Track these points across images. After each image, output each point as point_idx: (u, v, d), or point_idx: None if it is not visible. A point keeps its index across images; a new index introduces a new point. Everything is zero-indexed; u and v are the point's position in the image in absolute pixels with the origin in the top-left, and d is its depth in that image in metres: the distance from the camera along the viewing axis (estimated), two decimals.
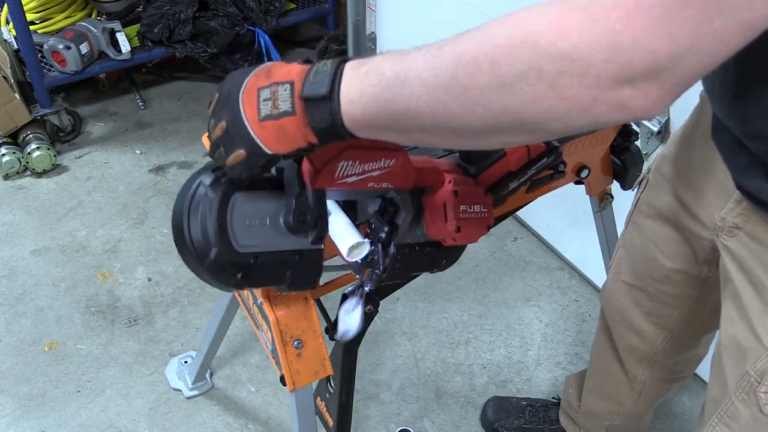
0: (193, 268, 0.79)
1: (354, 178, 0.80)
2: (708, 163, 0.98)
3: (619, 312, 1.29)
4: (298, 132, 0.67)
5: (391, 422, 1.74)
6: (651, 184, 1.15)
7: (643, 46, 0.50)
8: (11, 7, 2.28)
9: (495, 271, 2.16)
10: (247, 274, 0.79)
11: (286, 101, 0.66)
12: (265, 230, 0.80)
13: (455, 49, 0.57)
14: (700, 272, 1.12)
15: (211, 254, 0.75)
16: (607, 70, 0.51)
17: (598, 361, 1.44)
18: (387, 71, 0.62)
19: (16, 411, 1.73)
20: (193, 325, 1.95)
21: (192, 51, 2.69)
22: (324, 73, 0.65)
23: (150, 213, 2.32)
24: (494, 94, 0.56)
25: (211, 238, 0.75)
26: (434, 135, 0.63)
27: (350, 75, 0.64)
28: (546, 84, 0.53)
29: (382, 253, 0.92)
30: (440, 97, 0.58)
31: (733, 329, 0.94)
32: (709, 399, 1.02)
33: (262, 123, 0.68)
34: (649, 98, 0.53)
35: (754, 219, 0.89)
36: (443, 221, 0.92)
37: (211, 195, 0.76)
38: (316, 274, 0.86)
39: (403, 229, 0.92)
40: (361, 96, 0.63)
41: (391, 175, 0.84)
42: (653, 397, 1.39)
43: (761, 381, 0.89)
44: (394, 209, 0.90)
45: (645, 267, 1.19)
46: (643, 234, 1.18)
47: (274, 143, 0.69)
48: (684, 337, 1.25)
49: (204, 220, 0.75)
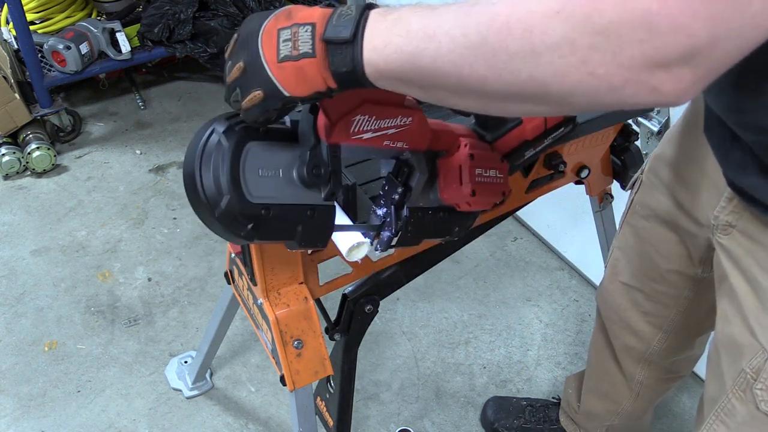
0: (204, 217, 0.77)
1: (370, 134, 0.79)
2: (700, 161, 0.98)
3: (616, 312, 1.29)
4: (318, 75, 0.66)
5: (391, 422, 1.74)
6: (645, 185, 1.15)
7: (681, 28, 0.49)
8: (11, 7, 2.28)
9: (495, 271, 2.16)
10: (257, 226, 0.77)
11: (307, 42, 0.65)
12: (278, 182, 0.79)
13: (488, 9, 0.55)
14: (695, 273, 1.12)
15: (222, 203, 0.74)
16: (641, 51, 0.50)
17: (595, 361, 1.45)
18: (415, 23, 0.60)
19: (16, 411, 1.73)
20: (193, 325, 1.95)
21: (192, 51, 2.69)
22: (348, 17, 0.64)
23: (150, 213, 2.32)
24: (523, 62, 0.54)
25: (223, 187, 0.74)
26: (456, 95, 0.62)
27: (376, 22, 0.63)
28: (577, 58, 0.52)
29: (394, 215, 0.90)
30: (467, 58, 0.57)
31: (728, 327, 0.94)
32: (706, 397, 1.02)
33: (281, 64, 0.67)
34: (682, 83, 0.51)
35: (746, 216, 0.89)
36: (458, 184, 0.91)
37: (225, 143, 0.74)
38: (327, 231, 0.84)
39: (417, 191, 0.90)
40: (386, 45, 0.62)
41: (407, 134, 0.83)
42: (651, 397, 1.39)
43: (757, 378, 0.89)
44: (409, 170, 0.89)
45: (641, 267, 1.20)
46: (639, 234, 1.18)
47: (292, 85, 0.67)
48: (680, 338, 1.25)
49: (216, 168, 0.74)
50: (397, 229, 0.92)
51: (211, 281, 2.08)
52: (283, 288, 1.10)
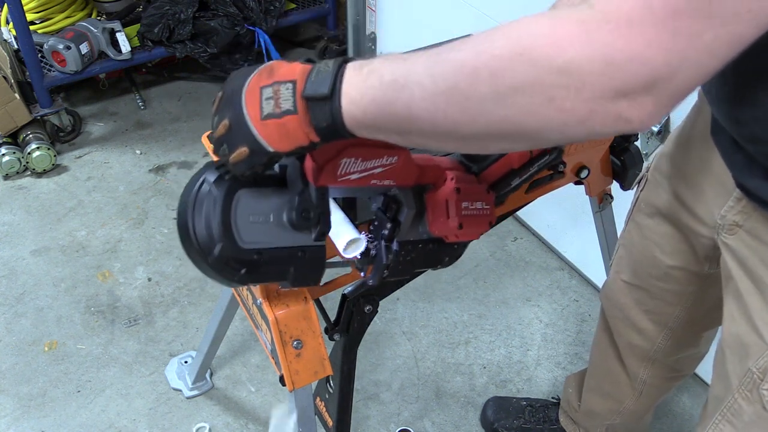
0: (198, 264, 0.80)
1: (357, 175, 0.81)
2: (707, 162, 0.98)
3: (620, 310, 1.29)
4: (300, 130, 0.68)
5: (391, 422, 1.74)
6: (650, 183, 1.15)
7: (637, 59, 0.51)
8: (11, 7, 2.28)
9: (495, 271, 2.16)
10: (250, 270, 0.79)
11: (288, 100, 0.67)
12: (269, 227, 0.81)
13: (455, 56, 0.58)
14: (700, 269, 1.12)
15: (215, 250, 0.76)
16: (603, 84, 0.52)
17: (598, 360, 1.45)
18: (387, 74, 0.62)
19: (16, 411, 1.73)
20: (193, 325, 1.95)
21: (192, 51, 2.69)
22: (326, 72, 0.66)
23: (150, 213, 2.32)
24: (493, 104, 0.57)
25: (215, 234, 0.76)
26: (433, 139, 0.64)
27: (351, 75, 0.65)
28: (544, 97, 0.54)
29: (384, 250, 0.93)
30: (440, 104, 0.59)
31: (735, 327, 0.94)
32: (712, 396, 1.02)
33: (265, 121, 0.69)
34: (645, 110, 0.54)
35: (755, 217, 0.90)
36: (445, 218, 0.93)
37: (215, 192, 0.76)
38: (319, 269, 0.86)
39: (406, 226, 0.92)
40: (362, 97, 0.64)
41: (393, 173, 0.84)
42: (654, 396, 1.39)
43: (764, 378, 0.89)
44: (397, 206, 0.91)
45: (645, 265, 1.20)
46: (643, 232, 1.18)
47: (276, 141, 0.69)
48: (684, 335, 1.25)
49: (208, 217, 0.76)
50: (387, 264, 0.94)
51: (211, 281, 2.07)
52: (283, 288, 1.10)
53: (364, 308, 1.19)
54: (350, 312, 1.19)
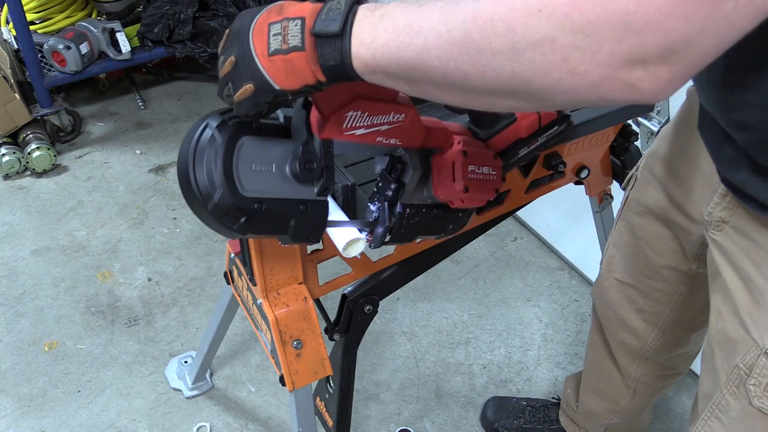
0: (197, 211, 0.78)
1: (362, 130, 0.80)
2: (694, 158, 0.99)
3: (611, 309, 1.29)
4: (307, 68, 0.67)
5: (391, 422, 1.74)
6: (640, 181, 1.16)
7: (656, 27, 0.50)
8: (11, 7, 2.28)
9: (495, 271, 2.16)
10: (250, 219, 0.78)
11: (296, 36, 0.66)
12: (271, 176, 0.79)
13: (472, 6, 0.57)
14: (689, 269, 1.13)
15: (215, 196, 0.74)
16: (619, 50, 0.51)
17: (592, 359, 1.45)
18: (401, 18, 0.61)
19: (16, 411, 1.73)
20: (193, 325, 1.95)
21: (192, 51, 2.69)
22: (337, 11, 0.65)
23: (150, 213, 2.32)
24: (506, 59, 0.56)
25: (216, 180, 0.74)
26: (441, 89, 0.63)
27: (364, 16, 0.64)
28: (558, 56, 0.53)
29: (387, 212, 0.91)
30: (452, 54, 0.58)
31: (722, 323, 0.95)
32: (701, 393, 1.02)
33: (271, 57, 0.68)
34: (660, 81, 0.53)
35: (739, 213, 0.90)
36: (451, 181, 0.91)
37: (218, 137, 0.75)
38: (320, 226, 0.84)
39: (410, 188, 0.91)
40: (373, 39, 0.63)
41: (399, 131, 0.83)
42: (648, 394, 1.40)
43: (750, 373, 0.89)
44: (402, 167, 0.90)
45: (635, 264, 1.20)
46: (634, 231, 1.18)
47: (282, 78, 0.68)
48: (674, 335, 1.25)
49: (210, 162, 0.75)
50: (390, 226, 0.92)
51: (210, 281, 2.08)
52: (283, 288, 1.11)
53: (364, 308, 1.19)
54: (350, 312, 1.19)
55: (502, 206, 1.28)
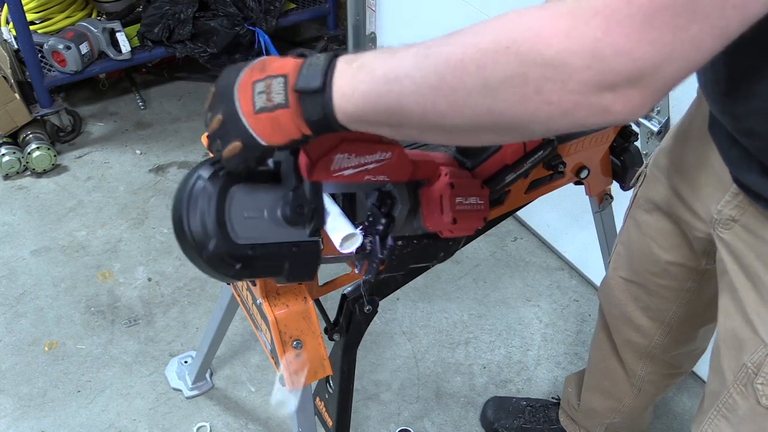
0: (193, 259, 0.80)
1: (350, 170, 0.82)
2: (704, 156, 0.99)
3: (617, 307, 1.29)
4: (292, 124, 0.69)
5: (391, 422, 1.74)
6: (648, 178, 1.16)
7: (623, 53, 0.51)
8: (11, 7, 2.28)
9: (495, 271, 2.16)
10: (245, 265, 0.79)
11: (280, 94, 0.68)
12: (263, 222, 0.81)
13: (443, 50, 0.59)
14: (697, 264, 1.13)
15: (209, 246, 0.76)
16: (589, 77, 0.53)
17: (597, 357, 1.45)
18: (378, 68, 0.63)
19: (16, 411, 1.73)
20: (193, 325, 1.95)
21: (192, 51, 2.69)
22: (317, 66, 0.66)
23: (150, 213, 2.32)
24: (480, 96, 0.57)
25: (209, 230, 0.76)
26: (424, 131, 0.65)
27: (343, 70, 0.65)
28: (530, 89, 0.55)
29: (379, 245, 0.93)
30: (429, 97, 0.60)
31: (730, 322, 0.95)
32: (708, 392, 1.02)
33: (257, 115, 0.69)
34: (630, 103, 0.54)
35: (751, 212, 0.90)
36: (439, 213, 0.93)
37: (210, 188, 0.77)
38: (313, 265, 0.87)
39: (400, 221, 0.93)
40: (353, 91, 0.64)
41: (387, 168, 0.85)
42: (652, 393, 1.40)
43: (758, 372, 0.89)
44: (391, 202, 0.92)
45: (643, 261, 1.20)
46: (641, 228, 1.18)
47: (268, 135, 0.70)
48: (682, 331, 1.25)
49: (203, 213, 0.77)
50: (382, 259, 0.94)
51: (211, 281, 2.08)
52: (282, 288, 1.10)
53: (364, 308, 1.19)
54: (350, 312, 1.19)
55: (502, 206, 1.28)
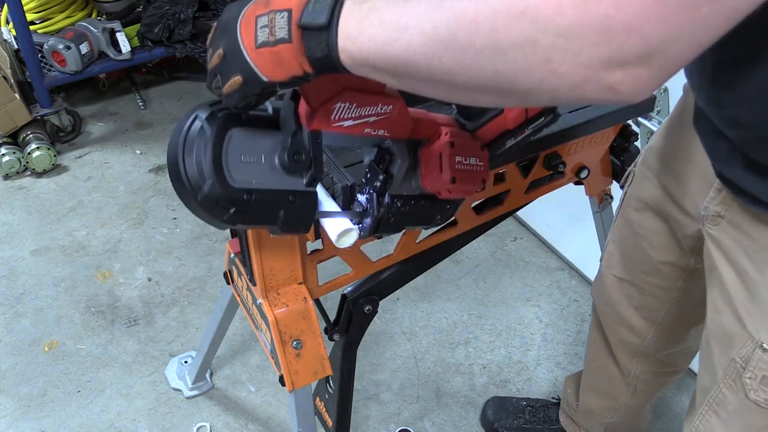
0: (187, 202, 0.79)
1: (350, 122, 0.81)
2: (690, 153, 0.99)
3: (610, 306, 1.29)
4: (294, 59, 0.68)
5: (391, 422, 1.74)
6: (638, 177, 1.16)
7: (634, 31, 0.52)
8: (11, 7, 2.28)
9: (495, 271, 2.16)
10: (240, 210, 0.78)
11: (283, 28, 0.67)
12: (261, 167, 0.80)
13: (458, 5, 0.58)
14: (687, 264, 1.13)
15: (204, 187, 0.75)
16: (599, 53, 0.53)
17: (592, 357, 1.45)
18: (387, 13, 0.62)
19: (16, 411, 1.73)
20: (193, 325, 1.95)
21: (192, 51, 2.69)
22: (324, 3, 0.65)
23: (150, 213, 2.32)
24: (489, 58, 0.57)
25: (205, 171, 0.75)
26: (427, 84, 0.64)
27: (351, 10, 0.64)
28: (540, 57, 0.54)
29: (376, 202, 0.92)
30: (437, 51, 0.59)
31: (719, 317, 0.95)
32: (699, 388, 1.03)
33: (259, 50, 0.69)
34: (638, 82, 0.54)
35: (735, 207, 0.90)
36: (438, 172, 0.93)
37: (207, 128, 0.76)
38: (309, 217, 0.85)
39: (398, 179, 0.92)
40: (360, 33, 0.63)
41: (387, 122, 0.84)
42: (648, 392, 1.40)
43: (746, 367, 0.90)
44: (390, 158, 0.91)
45: (634, 260, 1.20)
46: (632, 228, 1.18)
47: (269, 70, 0.69)
48: (674, 330, 1.25)
49: (199, 153, 0.75)
50: (378, 216, 0.93)
51: (210, 281, 2.08)
52: (282, 288, 1.11)
53: (364, 308, 1.19)
54: (350, 312, 1.19)
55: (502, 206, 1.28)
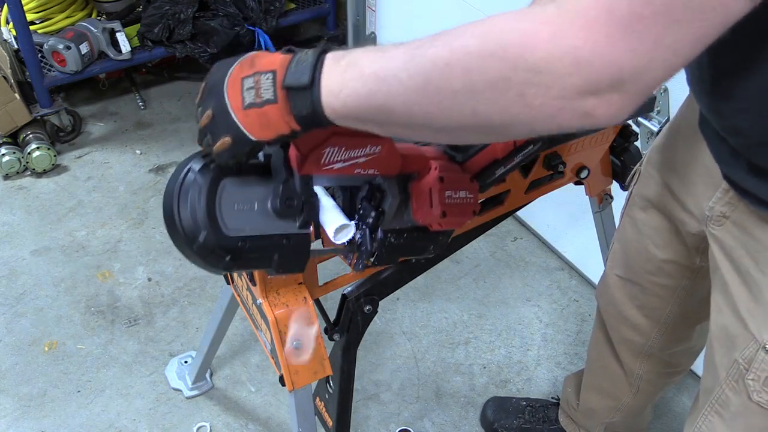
0: (184, 251, 0.81)
1: (340, 164, 0.83)
2: (696, 153, 1.00)
3: (614, 305, 1.30)
4: (281, 119, 0.69)
5: (391, 422, 1.74)
6: (643, 176, 1.17)
7: (604, 60, 0.53)
8: (11, 7, 2.28)
9: (495, 271, 2.16)
10: (235, 257, 0.80)
11: (269, 90, 0.69)
12: (254, 215, 0.82)
13: (430, 52, 0.60)
14: (692, 262, 1.13)
15: (200, 237, 0.77)
16: (572, 83, 0.54)
17: (595, 356, 1.45)
18: (366, 67, 0.64)
19: (16, 411, 1.73)
20: (193, 325, 1.95)
21: (192, 51, 2.69)
22: (305, 63, 0.67)
23: (150, 213, 2.32)
24: (466, 99, 0.59)
25: (200, 222, 0.77)
26: (410, 130, 0.67)
27: (331, 67, 0.66)
28: (514, 93, 0.56)
29: (369, 238, 0.94)
30: (415, 98, 0.61)
31: (721, 318, 0.95)
32: (702, 389, 1.03)
33: (246, 111, 0.70)
34: (613, 107, 0.56)
35: (741, 208, 0.90)
36: (429, 207, 0.94)
37: (201, 180, 0.78)
38: (303, 257, 0.88)
39: (390, 214, 0.94)
40: (341, 89, 0.65)
41: (377, 162, 0.86)
42: (651, 392, 1.40)
43: (749, 368, 0.90)
44: (381, 195, 0.92)
45: (638, 259, 1.21)
46: (637, 226, 1.19)
47: (257, 130, 0.71)
48: (678, 329, 1.26)
49: (194, 205, 0.77)
50: (372, 251, 0.95)
51: (211, 281, 2.08)
52: (282, 288, 1.11)
53: (364, 308, 1.19)
54: (350, 312, 1.19)
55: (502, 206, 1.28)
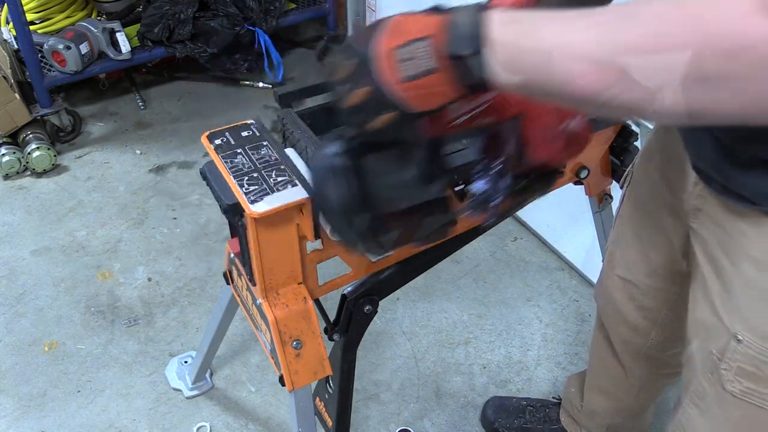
0: (343, 233, 0.84)
1: (462, 118, 0.83)
2: (676, 148, 1.00)
3: (613, 306, 1.30)
4: (445, 87, 0.66)
5: (391, 422, 1.74)
6: (635, 178, 1.17)
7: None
8: (11, 7, 2.28)
9: (495, 271, 2.16)
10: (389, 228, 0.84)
11: (428, 58, 0.65)
12: (399, 186, 0.84)
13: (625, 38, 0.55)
14: (681, 267, 1.13)
15: (357, 217, 0.81)
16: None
17: (596, 357, 1.45)
18: (545, 39, 0.59)
19: (16, 411, 1.73)
20: (193, 325, 1.95)
21: (192, 51, 2.70)
22: (466, 26, 0.63)
23: (150, 213, 2.32)
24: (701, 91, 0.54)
25: (355, 203, 0.80)
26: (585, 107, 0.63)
27: (502, 33, 0.61)
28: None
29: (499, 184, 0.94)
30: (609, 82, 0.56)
31: (698, 311, 0.95)
32: (683, 382, 1.03)
33: (406, 84, 0.67)
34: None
35: (710, 200, 0.91)
36: (549, 141, 0.93)
37: (347, 162, 0.80)
38: (449, 222, 0.91)
39: (511, 158, 0.93)
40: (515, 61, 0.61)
41: (493, 108, 0.86)
42: (652, 392, 1.40)
43: (722, 358, 0.90)
44: (500, 142, 0.92)
45: (634, 261, 1.21)
46: (631, 228, 1.19)
47: (421, 101, 0.68)
48: (674, 331, 1.26)
49: (345, 188, 0.80)
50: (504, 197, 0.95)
51: (210, 281, 2.08)
52: (282, 288, 1.10)
53: (364, 308, 1.19)
54: (350, 312, 1.19)
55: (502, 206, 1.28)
